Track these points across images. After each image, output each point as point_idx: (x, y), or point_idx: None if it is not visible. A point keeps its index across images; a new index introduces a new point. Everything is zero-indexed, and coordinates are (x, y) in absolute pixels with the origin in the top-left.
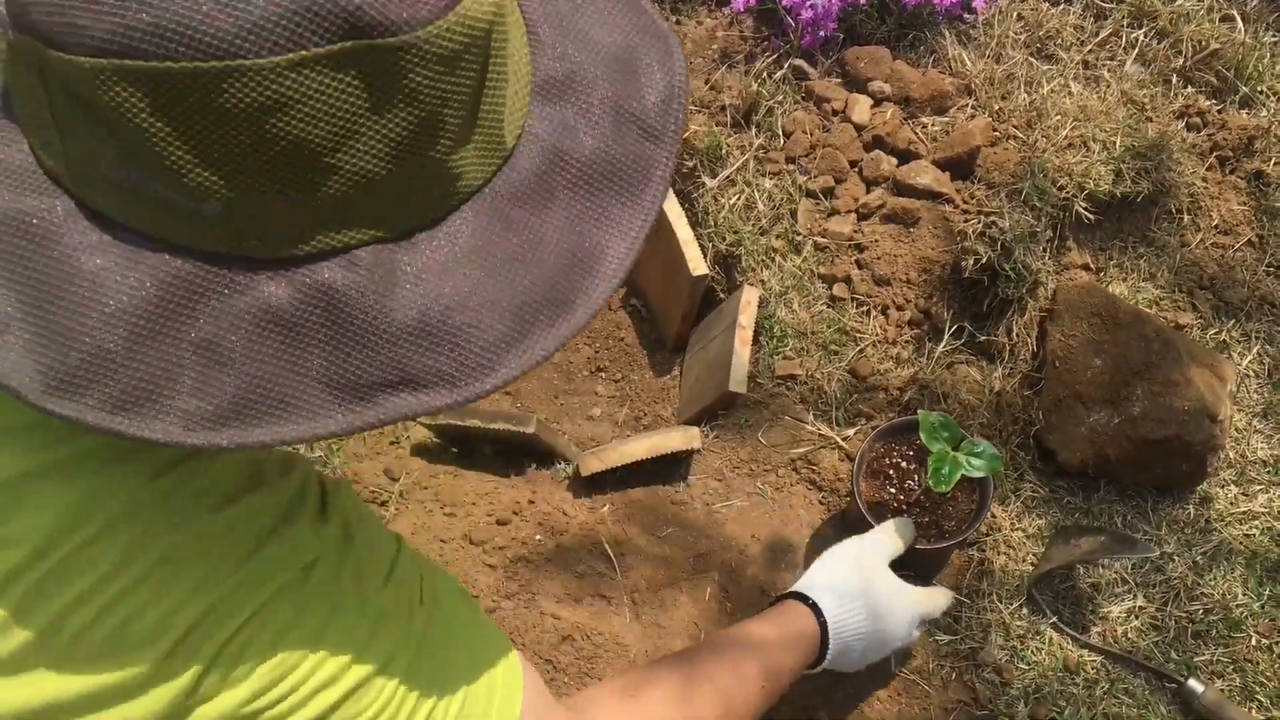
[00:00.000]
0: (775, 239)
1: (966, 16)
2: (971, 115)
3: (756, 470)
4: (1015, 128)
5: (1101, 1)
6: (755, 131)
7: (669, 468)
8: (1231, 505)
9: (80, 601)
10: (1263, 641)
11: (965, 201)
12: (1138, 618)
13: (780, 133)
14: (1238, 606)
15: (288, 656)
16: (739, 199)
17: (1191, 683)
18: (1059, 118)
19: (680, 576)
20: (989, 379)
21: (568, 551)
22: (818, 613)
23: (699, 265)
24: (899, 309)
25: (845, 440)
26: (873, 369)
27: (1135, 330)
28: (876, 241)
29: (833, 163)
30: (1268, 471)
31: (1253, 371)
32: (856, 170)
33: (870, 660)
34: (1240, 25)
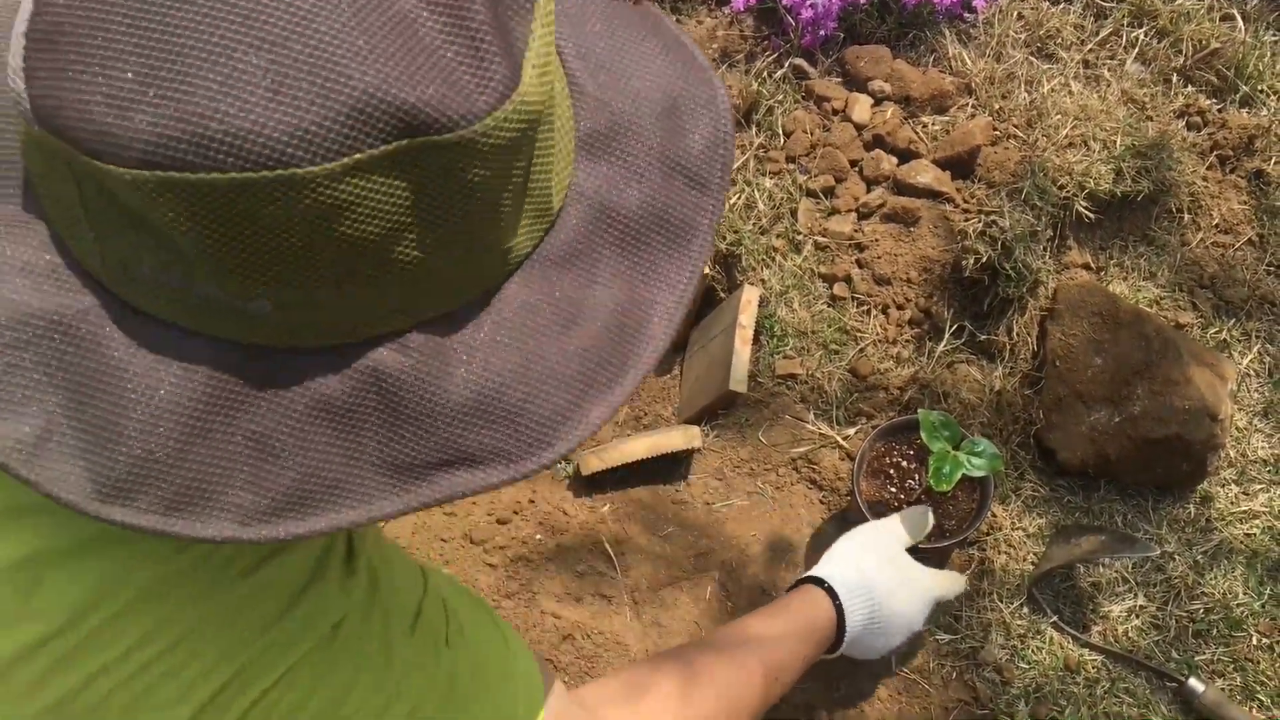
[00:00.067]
0: (775, 238)
1: (967, 16)
2: (972, 114)
3: (757, 469)
4: (1015, 127)
5: (1102, 1)
6: (755, 131)
7: (669, 467)
8: (1232, 504)
9: (104, 671)
10: (1263, 641)
11: (965, 201)
12: (1138, 617)
13: (780, 132)
14: (1238, 606)
15: (315, 716)
16: (739, 198)
17: (1192, 682)
18: (1059, 117)
19: (681, 576)
20: (989, 378)
21: (568, 551)
22: (833, 596)
23: None
24: (899, 308)
25: (846, 439)
26: (873, 368)
27: (1136, 329)
28: (877, 241)
29: (833, 162)
30: (1268, 471)
31: (1253, 370)
32: (857, 169)
33: (891, 645)
34: (1240, 24)
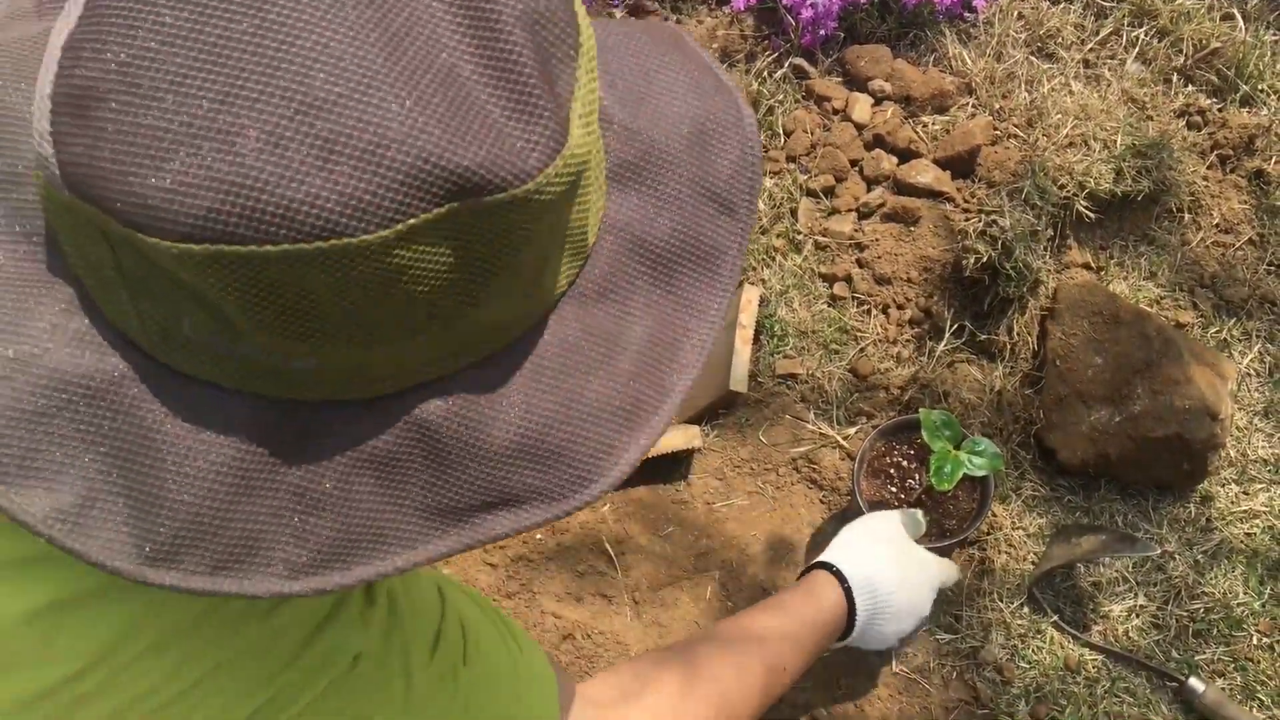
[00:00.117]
0: (776, 238)
1: (967, 15)
2: (972, 114)
3: (757, 469)
4: (1016, 126)
5: (1102, 0)
6: None
7: (669, 467)
8: (1232, 504)
9: (131, 705)
10: (1264, 640)
11: (966, 200)
12: (1139, 616)
13: (781, 132)
14: (1239, 605)
15: None
16: None
17: (1192, 681)
18: (1059, 116)
19: (681, 575)
20: (990, 378)
21: (568, 550)
22: (842, 580)
23: None
24: (900, 308)
25: (846, 439)
26: (873, 368)
27: (1136, 329)
28: (877, 240)
29: (833, 162)
30: (1269, 470)
31: (1254, 370)
32: (857, 169)
33: (902, 630)
34: (1241, 24)
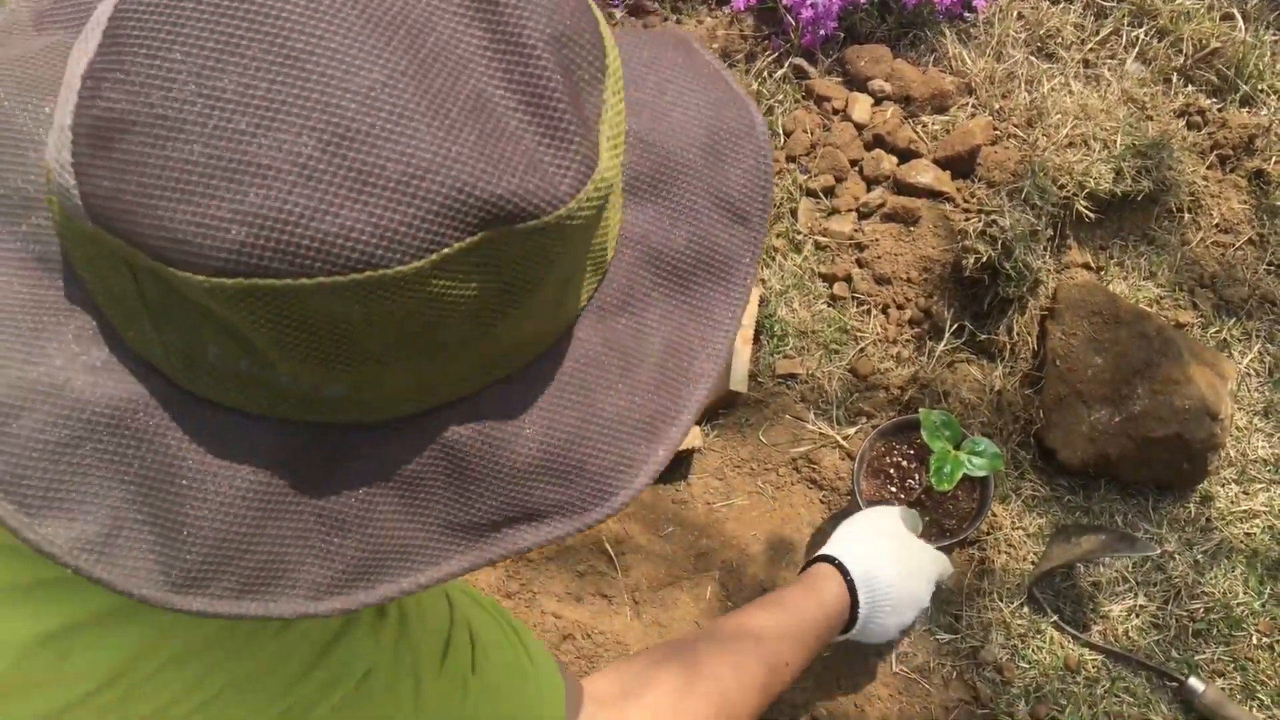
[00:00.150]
0: (776, 238)
1: (967, 15)
2: (972, 114)
3: (757, 469)
4: (1016, 126)
5: (1102, 0)
6: None
7: (670, 466)
8: (1232, 504)
9: (151, 717)
10: (1264, 640)
11: (966, 200)
12: (1138, 616)
13: (780, 132)
14: (1238, 605)
15: None
16: None
17: (1192, 681)
18: (1059, 116)
19: (681, 575)
20: (989, 378)
21: (568, 550)
22: (844, 573)
23: None
24: (899, 308)
25: (846, 439)
26: (873, 368)
27: (1136, 329)
28: (877, 240)
29: (833, 161)
30: (1268, 470)
31: (1253, 370)
32: (857, 169)
33: (904, 622)
34: (1240, 23)
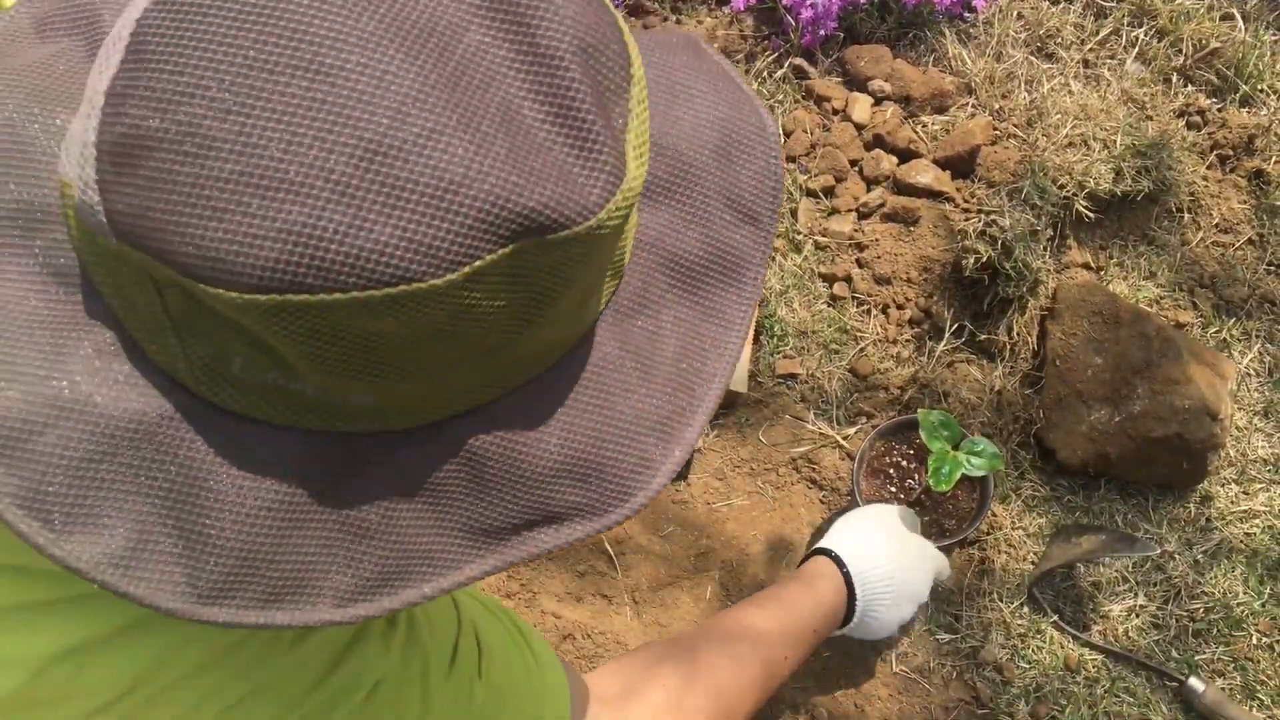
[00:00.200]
0: (776, 238)
1: (967, 15)
2: (972, 114)
3: (757, 469)
4: (1015, 126)
5: (1101, 0)
6: None
7: None
8: (1232, 504)
9: None
10: (1263, 640)
11: (966, 200)
12: (1138, 616)
13: (780, 132)
14: (1238, 605)
15: None
16: None
17: (1192, 681)
18: (1059, 116)
19: (681, 575)
20: (989, 377)
21: (568, 551)
22: (840, 565)
23: None
24: (899, 308)
25: (846, 439)
26: (873, 368)
27: (1136, 329)
28: (877, 240)
29: (833, 162)
30: (1268, 470)
31: (1253, 370)
32: (857, 169)
33: (903, 616)
34: (1240, 23)
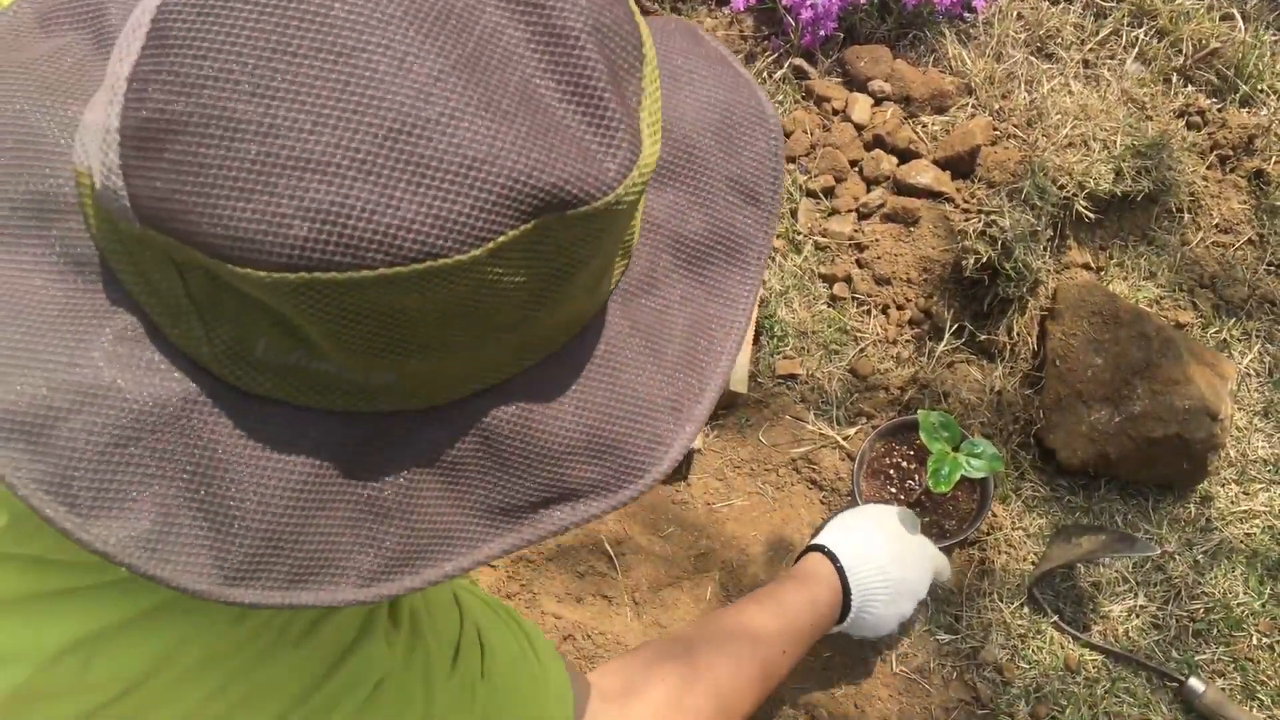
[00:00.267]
0: (775, 238)
1: (966, 16)
2: (972, 114)
3: (757, 470)
4: (1015, 127)
5: (1101, 0)
6: None
7: None
8: (1232, 504)
9: None
10: (1264, 640)
11: (965, 200)
12: (1138, 616)
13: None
14: (1239, 605)
15: None
16: None
17: (1192, 682)
18: (1059, 117)
19: (681, 576)
20: (989, 378)
21: (568, 551)
22: (834, 560)
23: None
24: (899, 308)
25: (846, 439)
26: (873, 368)
27: (1136, 329)
28: (877, 241)
29: (833, 162)
30: (1268, 470)
31: (1253, 370)
32: (857, 169)
33: (902, 613)
34: (1240, 24)
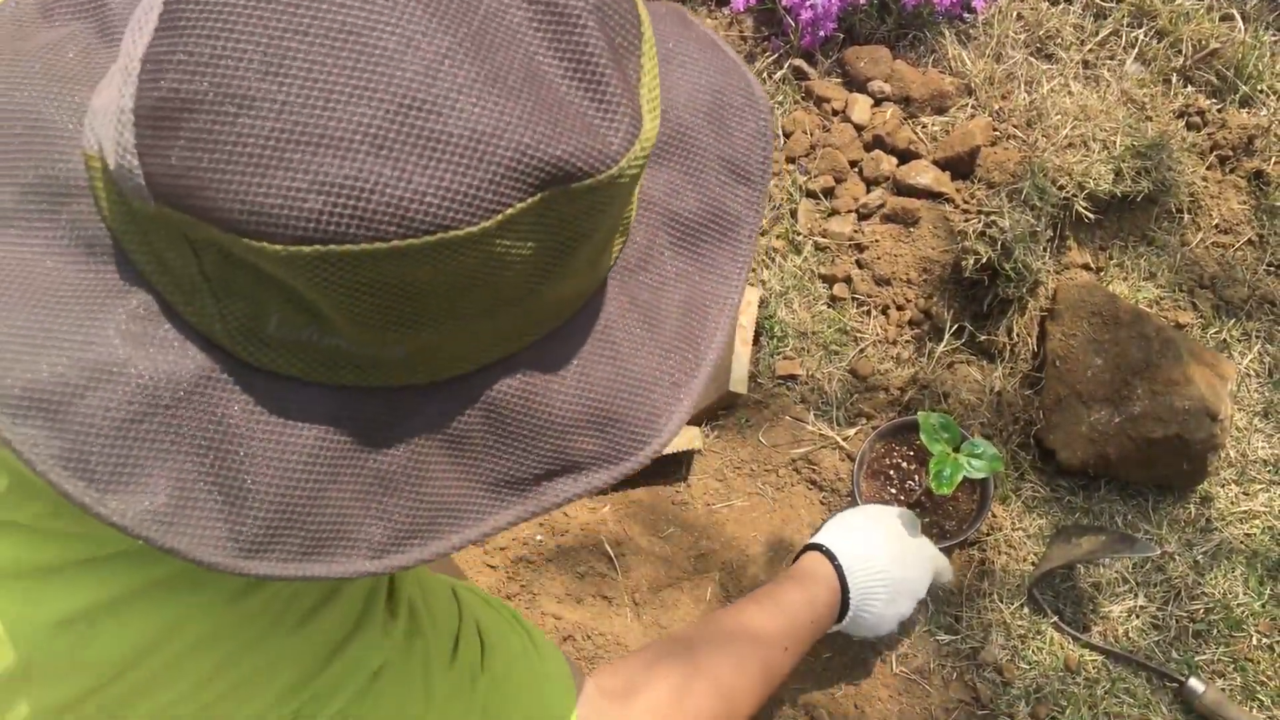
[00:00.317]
0: (775, 239)
1: (966, 16)
2: (971, 115)
3: (757, 470)
4: (1015, 127)
5: (1101, 1)
6: None
7: (669, 468)
8: (1232, 504)
9: (163, 710)
10: (1263, 640)
11: (965, 201)
12: (1138, 617)
13: (780, 133)
14: (1238, 606)
15: None
16: None
17: (1192, 682)
18: (1059, 117)
19: (681, 576)
20: (989, 378)
21: (568, 552)
22: (833, 559)
23: None
24: (899, 309)
25: (846, 440)
26: (873, 369)
27: (1136, 329)
28: (877, 241)
29: (833, 162)
30: (1268, 471)
31: (1253, 371)
32: (856, 170)
33: (901, 612)
34: (1240, 24)
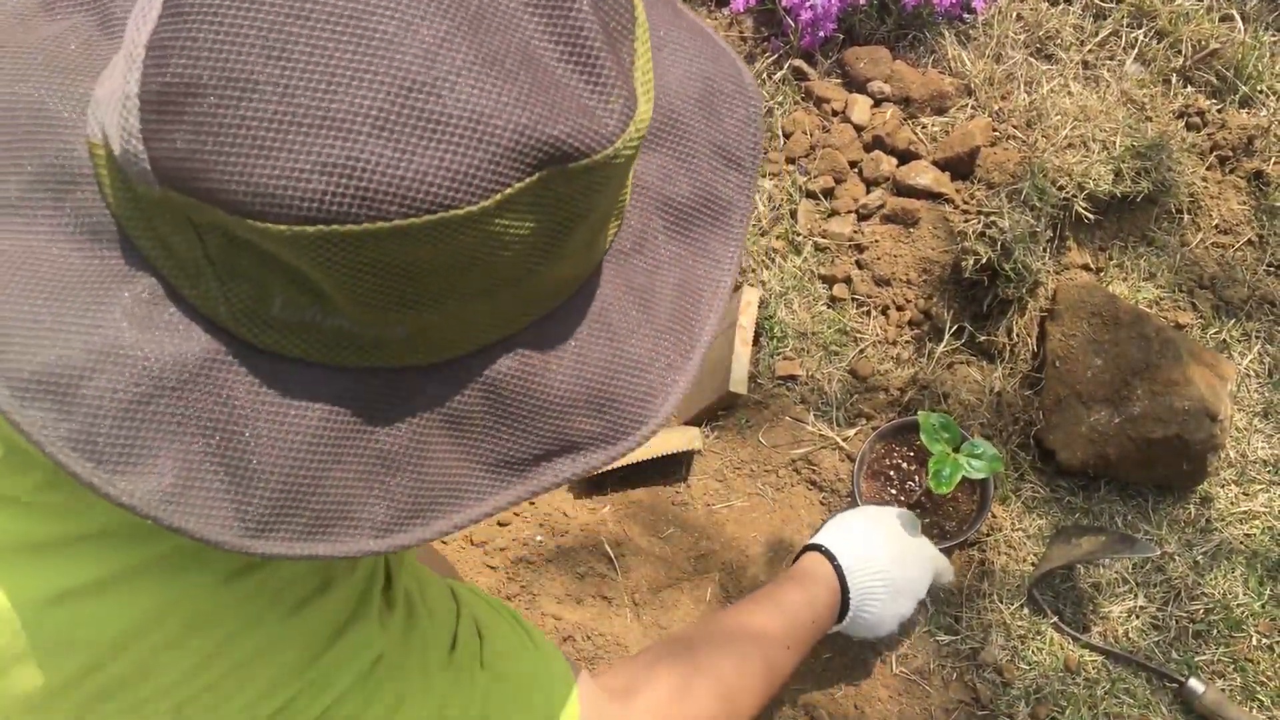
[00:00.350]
0: (775, 239)
1: (966, 16)
2: (971, 115)
3: (757, 471)
4: (1015, 128)
5: (1101, 1)
6: None
7: (669, 468)
8: (1232, 505)
9: (146, 701)
10: (1263, 641)
11: (965, 201)
12: (1138, 617)
13: (780, 133)
14: (1238, 606)
15: None
16: None
17: (1192, 682)
18: (1059, 118)
19: (681, 577)
20: (989, 379)
21: (568, 552)
22: (833, 560)
23: None
24: (899, 309)
25: (846, 440)
26: (873, 369)
27: (1135, 330)
28: (876, 242)
29: (832, 163)
30: (1268, 471)
31: (1253, 371)
32: (856, 170)
33: (901, 613)
34: (1240, 24)
